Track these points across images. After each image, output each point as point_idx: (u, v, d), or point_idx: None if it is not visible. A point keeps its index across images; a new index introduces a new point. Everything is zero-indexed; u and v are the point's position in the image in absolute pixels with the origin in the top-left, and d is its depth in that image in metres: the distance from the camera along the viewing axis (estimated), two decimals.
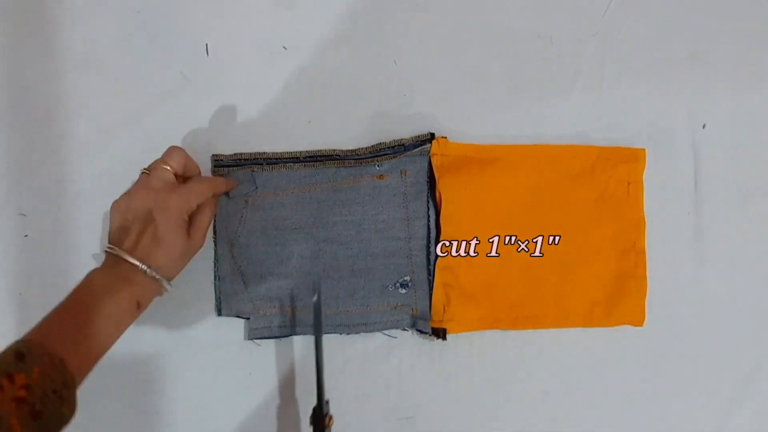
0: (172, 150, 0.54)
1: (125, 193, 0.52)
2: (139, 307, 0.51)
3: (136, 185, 0.52)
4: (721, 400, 0.63)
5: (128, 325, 0.51)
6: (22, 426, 0.40)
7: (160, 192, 0.51)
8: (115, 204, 0.52)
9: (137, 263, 0.49)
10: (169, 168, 0.53)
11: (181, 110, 0.60)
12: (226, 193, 0.59)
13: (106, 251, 0.51)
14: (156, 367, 0.59)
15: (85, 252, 0.59)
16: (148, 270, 0.50)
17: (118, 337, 0.50)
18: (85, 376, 0.48)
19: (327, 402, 0.55)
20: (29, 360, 0.43)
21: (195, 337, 0.59)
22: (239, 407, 0.59)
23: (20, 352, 0.43)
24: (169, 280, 0.52)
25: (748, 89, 0.64)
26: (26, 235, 0.59)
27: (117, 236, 0.51)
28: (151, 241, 0.50)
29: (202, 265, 0.59)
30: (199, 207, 0.53)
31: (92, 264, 0.58)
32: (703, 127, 0.64)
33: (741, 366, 0.63)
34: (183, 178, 0.55)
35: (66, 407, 0.44)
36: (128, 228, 0.51)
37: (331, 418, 0.55)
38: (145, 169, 0.53)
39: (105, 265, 0.51)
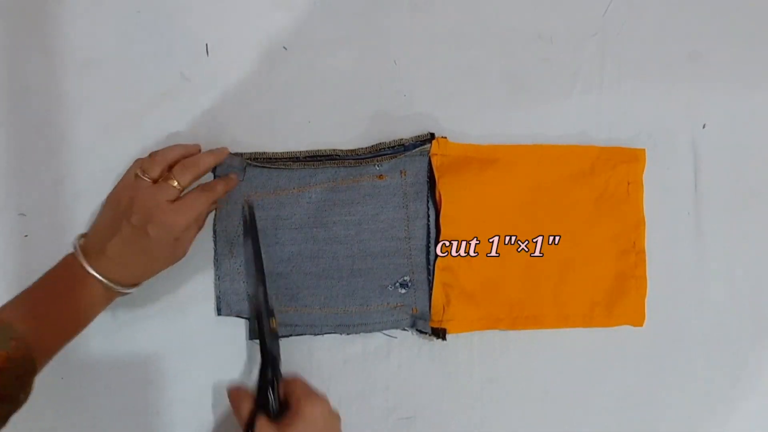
0: (187, 168, 0.52)
1: (128, 193, 0.51)
2: (112, 297, 0.51)
3: (142, 191, 0.51)
4: (721, 400, 0.63)
5: (98, 313, 0.51)
6: None
7: (164, 210, 0.50)
8: (114, 199, 0.52)
9: (100, 277, 0.49)
10: (176, 186, 0.51)
11: (181, 110, 0.60)
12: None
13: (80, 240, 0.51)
14: (156, 367, 0.59)
15: None
16: (108, 283, 0.50)
17: (86, 324, 0.50)
18: (48, 361, 0.48)
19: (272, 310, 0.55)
20: None
21: (195, 337, 0.59)
22: None
23: None
24: (135, 286, 0.52)
25: (748, 89, 0.65)
26: (26, 235, 0.59)
27: (102, 234, 0.51)
28: (135, 252, 0.50)
29: (202, 265, 0.59)
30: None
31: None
32: (703, 127, 0.64)
33: (741, 366, 0.63)
34: None
35: (23, 393, 0.44)
36: (117, 230, 0.50)
37: (276, 321, 0.55)
38: (141, 167, 0.52)
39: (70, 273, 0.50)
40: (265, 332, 0.54)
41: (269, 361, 0.53)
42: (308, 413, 0.51)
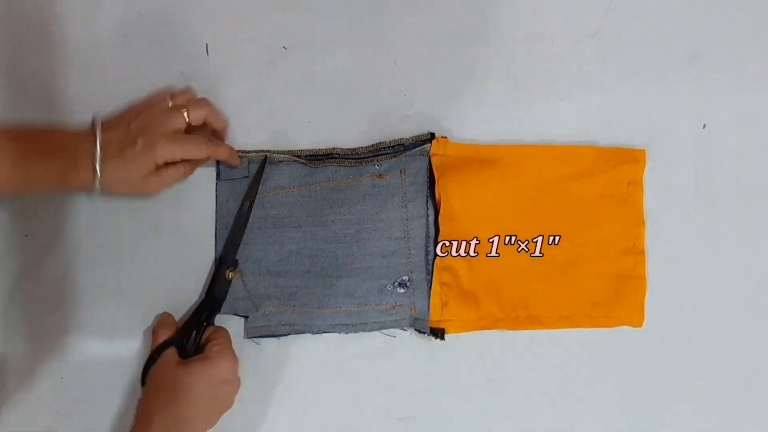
0: (200, 105, 0.55)
1: (146, 106, 0.54)
2: (62, 184, 0.51)
3: (156, 108, 0.53)
4: (721, 401, 0.62)
5: (36, 186, 0.52)
6: None
7: (163, 134, 0.52)
8: (136, 105, 0.54)
9: (97, 153, 0.51)
10: (185, 118, 0.54)
11: None
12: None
13: (93, 120, 0.53)
14: None
15: (85, 252, 0.59)
16: (98, 166, 0.51)
17: (20, 189, 0.52)
18: None
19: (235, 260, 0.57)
20: None
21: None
22: (239, 407, 0.59)
23: None
24: (101, 189, 0.52)
25: (749, 89, 0.64)
26: (26, 235, 0.59)
27: (109, 123, 0.53)
28: (115, 155, 0.51)
29: (202, 264, 0.59)
30: (178, 162, 0.54)
31: (90, 266, 0.59)
32: (704, 127, 0.64)
33: (740, 366, 0.63)
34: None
35: None
36: (117, 126, 0.52)
37: (235, 274, 0.57)
38: (172, 94, 0.55)
39: (76, 133, 0.52)
40: (218, 277, 0.57)
41: (209, 304, 0.56)
42: (215, 363, 0.52)
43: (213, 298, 0.56)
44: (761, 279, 0.63)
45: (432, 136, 0.60)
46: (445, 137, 0.61)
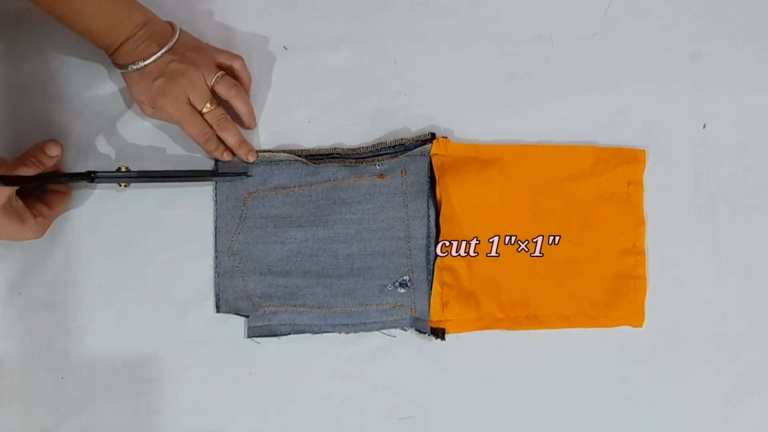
0: (235, 85, 0.57)
1: (195, 52, 0.56)
2: (145, 26, 0.54)
3: (203, 58, 0.56)
4: (721, 401, 0.62)
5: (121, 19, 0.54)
6: None
7: (194, 72, 0.55)
8: (190, 44, 0.57)
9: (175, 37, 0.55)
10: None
11: None
12: (226, 180, 0.59)
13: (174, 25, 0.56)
14: (156, 366, 0.59)
15: (84, 252, 0.59)
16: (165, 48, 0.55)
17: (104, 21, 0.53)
18: None
19: None
20: None
21: (194, 336, 0.59)
22: (239, 407, 0.59)
23: None
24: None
25: (749, 89, 0.64)
26: None
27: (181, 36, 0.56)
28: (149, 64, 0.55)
29: (201, 263, 0.59)
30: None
31: (90, 266, 0.59)
32: (704, 127, 0.64)
33: (740, 367, 0.63)
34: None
35: None
36: (162, 45, 0.55)
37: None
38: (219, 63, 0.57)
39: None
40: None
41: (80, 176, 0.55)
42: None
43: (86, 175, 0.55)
44: (761, 279, 0.63)
45: (433, 136, 0.60)
46: (446, 137, 0.61)
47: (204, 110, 0.56)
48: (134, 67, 0.54)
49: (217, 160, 0.59)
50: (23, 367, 0.58)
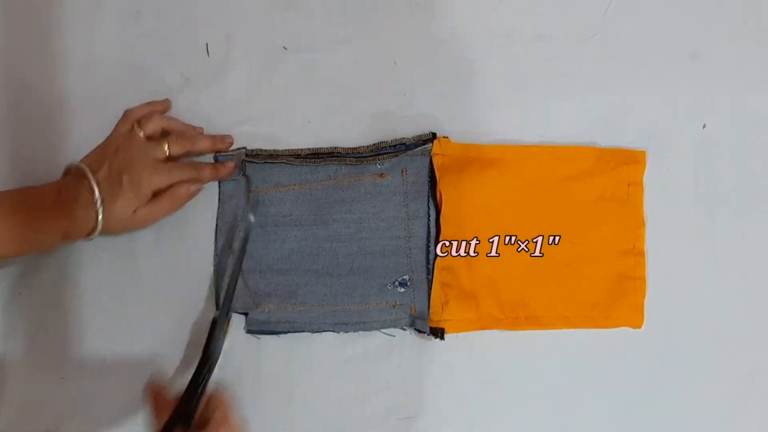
0: (182, 140, 0.56)
1: (120, 141, 0.54)
2: (64, 238, 0.52)
3: (133, 141, 0.54)
4: (721, 401, 0.62)
5: (40, 246, 0.53)
6: None
7: (145, 166, 0.54)
8: (106, 143, 0.55)
9: (97, 198, 0.52)
10: (165, 150, 0.55)
11: (182, 110, 0.60)
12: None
13: (77, 168, 0.53)
14: (156, 366, 0.59)
15: (84, 252, 0.59)
16: (100, 212, 0.52)
17: (21, 250, 0.52)
18: None
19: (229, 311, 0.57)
20: None
21: (195, 336, 0.59)
22: (239, 406, 0.59)
23: None
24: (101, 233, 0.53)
25: (748, 89, 0.64)
26: None
27: (94, 167, 0.53)
28: (104, 196, 0.52)
29: (201, 262, 0.59)
30: (164, 193, 0.55)
31: (90, 266, 0.59)
32: (703, 127, 0.64)
33: (740, 368, 0.63)
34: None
35: None
36: (99, 167, 0.53)
37: (229, 323, 0.57)
38: (137, 120, 0.55)
39: (65, 184, 0.53)
40: (217, 335, 0.54)
41: (209, 364, 0.53)
42: None
43: (212, 357, 0.54)
44: (761, 279, 0.63)
45: (433, 135, 0.60)
46: (447, 137, 0.61)
47: (167, 154, 0.55)
48: (95, 234, 0.53)
49: (217, 160, 0.59)
50: (23, 367, 0.58)
